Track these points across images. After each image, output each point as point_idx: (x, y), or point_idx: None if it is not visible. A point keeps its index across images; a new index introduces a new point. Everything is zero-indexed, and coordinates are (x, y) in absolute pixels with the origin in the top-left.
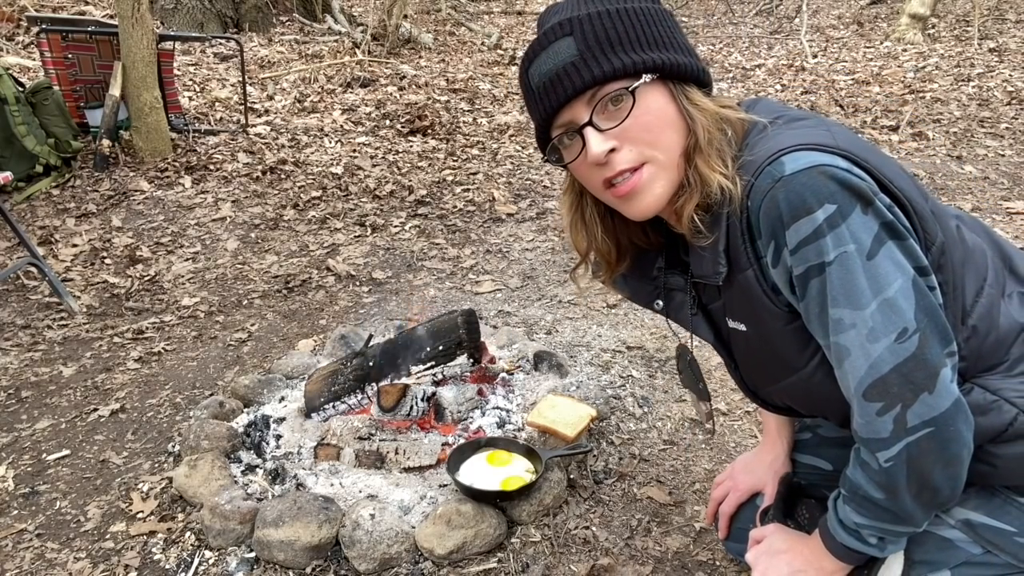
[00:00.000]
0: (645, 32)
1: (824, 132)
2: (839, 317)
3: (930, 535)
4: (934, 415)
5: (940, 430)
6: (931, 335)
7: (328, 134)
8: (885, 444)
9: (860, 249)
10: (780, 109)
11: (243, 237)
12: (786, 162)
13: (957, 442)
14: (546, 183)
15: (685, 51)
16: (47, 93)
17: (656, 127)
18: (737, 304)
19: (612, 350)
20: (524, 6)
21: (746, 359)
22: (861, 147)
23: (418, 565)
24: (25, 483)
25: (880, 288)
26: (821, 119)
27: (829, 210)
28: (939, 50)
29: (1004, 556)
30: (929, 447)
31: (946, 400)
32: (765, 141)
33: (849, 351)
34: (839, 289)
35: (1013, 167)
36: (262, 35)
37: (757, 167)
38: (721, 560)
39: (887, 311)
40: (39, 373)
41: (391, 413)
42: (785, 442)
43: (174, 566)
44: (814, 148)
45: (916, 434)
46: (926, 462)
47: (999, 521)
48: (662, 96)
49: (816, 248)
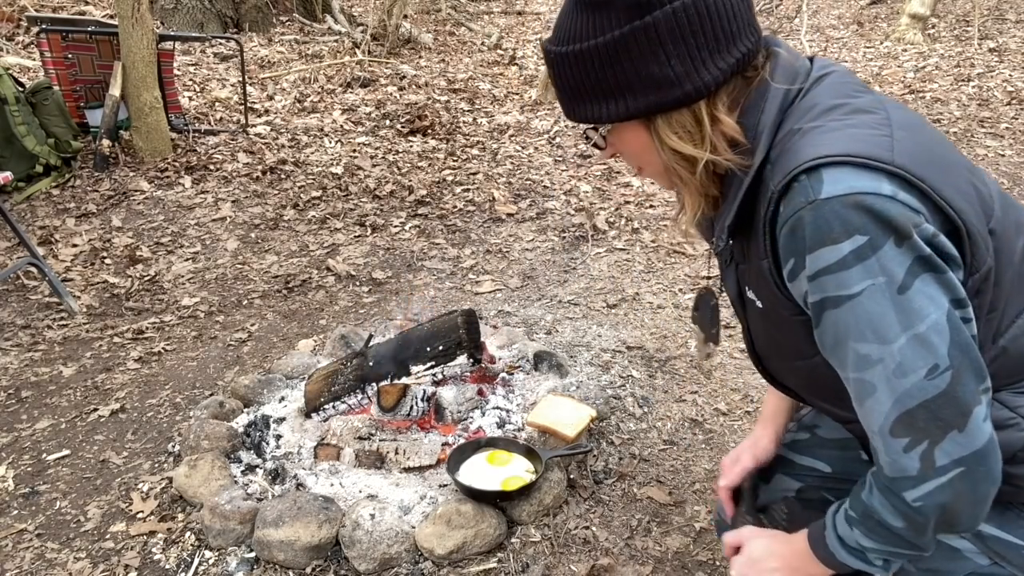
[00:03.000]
0: (608, 78)
1: (884, 138)
2: (865, 353)
3: (939, 544)
4: (964, 454)
5: (971, 470)
6: (964, 372)
7: (328, 134)
8: (913, 483)
9: (891, 282)
10: (846, 92)
11: (243, 237)
12: (825, 181)
13: (987, 481)
14: (546, 183)
15: (653, 85)
16: (47, 93)
17: (634, 155)
18: (753, 280)
19: (612, 350)
20: (524, 6)
21: (755, 329)
22: (924, 158)
23: (418, 565)
24: (25, 483)
25: (911, 323)
26: (888, 113)
27: (859, 241)
28: (939, 50)
29: (1010, 568)
30: (962, 488)
31: (979, 439)
32: (814, 135)
33: (875, 387)
34: (865, 323)
35: (1013, 167)
36: (262, 35)
37: (794, 170)
38: (721, 560)
39: (917, 347)
40: (39, 373)
41: (391, 413)
42: (772, 429)
43: (174, 566)
44: (863, 164)
45: (947, 474)
46: (958, 503)
47: (1009, 534)
48: (634, 131)
49: (836, 280)
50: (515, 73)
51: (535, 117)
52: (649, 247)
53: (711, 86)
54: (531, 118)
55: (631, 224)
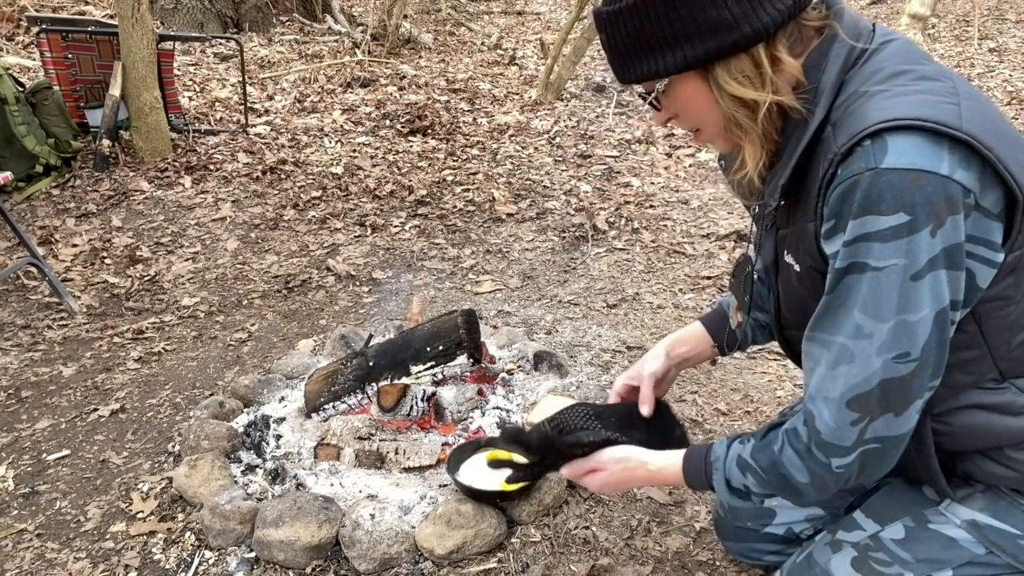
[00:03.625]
0: (664, 27)
1: (951, 105)
2: (861, 324)
3: (935, 533)
4: (889, 435)
5: (885, 449)
6: (927, 368)
7: (328, 134)
8: (844, 452)
9: (909, 267)
10: (912, 59)
11: (243, 237)
12: (889, 149)
13: (888, 463)
14: (546, 183)
15: (711, 30)
16: (47, 93)
17: (692, 110)
18: (795, 242)
19: (612, 350)
20: (524, 6)
21: (787, 296)
22: (990, 128)
23: (418, 565)
24: (25, 483)
25: (906, 309)
26: (954, 82)
27: (902, 219)
28: (939, 50)
29: (1005, 557)
30: (868, 460)
31: (906, 427)
32: (880, 99)
33: (854, 357)
34: (875, 296)
35: None
36: (262, 35)
37: (860, 132)
38: (721, 560)
39: (901, 332)
40: (39, 373)
41: (391, 413)
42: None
43: (174, 566)
44: (928, 128)
45: (865, 447)
46: (861, 474)
47: (1004, 523)
48: (692, 84)
49: (869, 249)
50: (515, 73)
51: (535, 117)
52: (649, 247)
53: (770, 28)
54: (531, 118)
55: (631, 224)
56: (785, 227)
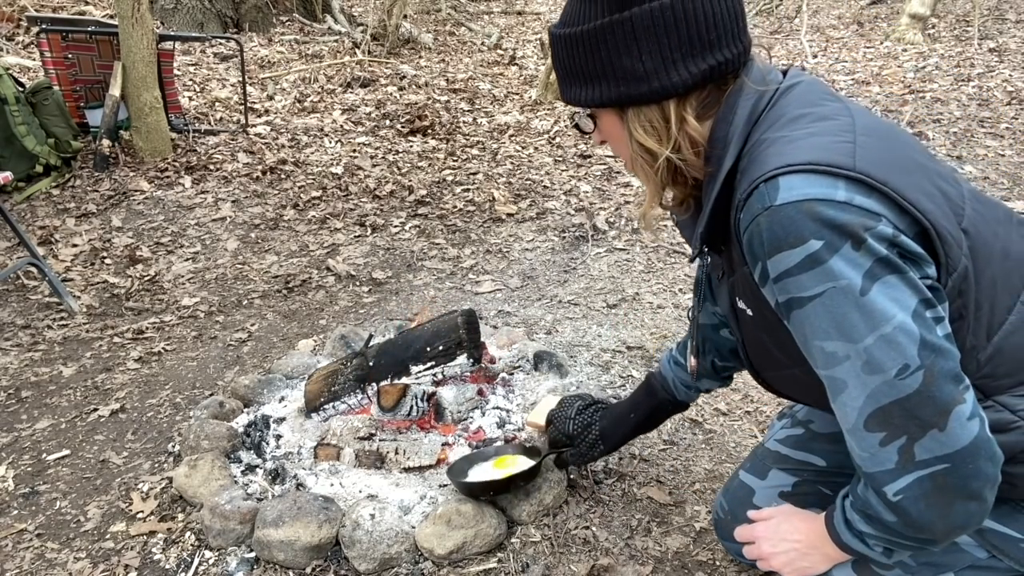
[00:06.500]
0: (589, 64)
1: (846, 144)
2: (832, 350)
3: None
4: (948, 452)
5: (957, 467)
6: (938, 372)
7: (328, 134)
8: (892, 476)
9: (851, 286)
10: (814, 100)
11: (243, 237)
12: (781, 187)
13: (979, 479)
14: (546, 183)
15: (623, 77)
16: (47, 93)
17: (612, 141)
18: (742, 289)
19: (612, 350)
20: (524, 6)
21: (750, 341)
22: (887, 161)
23: (418, 565)
24: (25, 483)
25: (876, 324)
26: (853, 119)
27: (814, 246)
28: (939, 50)
29: (1008, 561)
30: (947, 483)
31: (963, 438)
32: (779, 145)
33: (845, 383)
34: (828, 323)
35: (1013, 167)
36: (262, 35)
37: (757, 179)
38: (721, 560)
39: (885, 347)
40: (39, 373)
41: (391, 413)
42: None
43: (174, 566)
44: (820, 170)
45: (929, 468)
46: (945, 497)
47: (1007, 527)
48: (611, 119)
49: (796, 282)
50: (515, 73)
51: (535, 117)
52: (649, 247)
53: (679, 87)
54: (531, 118)
55: (631, 224)
56: (731, 274)
